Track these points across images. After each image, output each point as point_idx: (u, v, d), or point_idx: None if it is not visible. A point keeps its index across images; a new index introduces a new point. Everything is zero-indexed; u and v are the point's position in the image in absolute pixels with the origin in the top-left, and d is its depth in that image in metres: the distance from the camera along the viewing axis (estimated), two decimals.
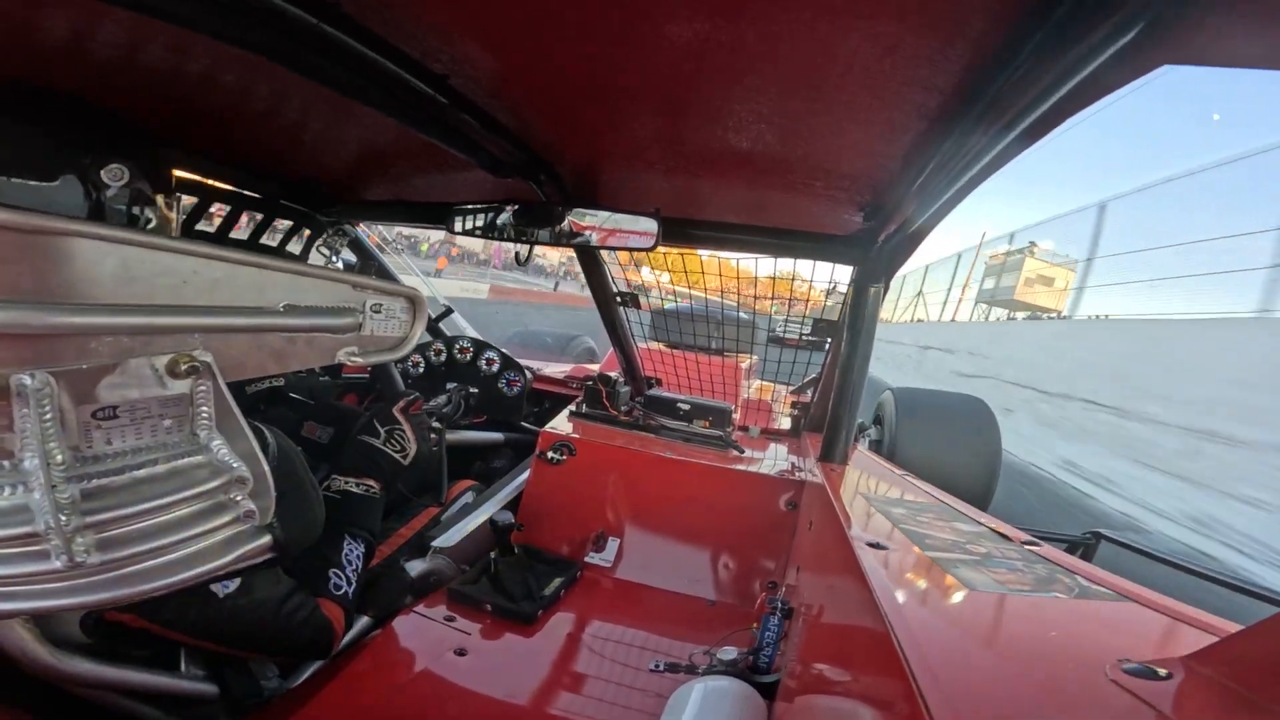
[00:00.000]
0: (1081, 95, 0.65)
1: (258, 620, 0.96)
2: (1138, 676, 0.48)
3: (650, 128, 1.06)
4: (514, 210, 1.44)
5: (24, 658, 0.75)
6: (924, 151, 0.92)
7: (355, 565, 1.18)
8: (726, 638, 1.23)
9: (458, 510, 1.71)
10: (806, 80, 0.78)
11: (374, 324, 0.78)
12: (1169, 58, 0.56)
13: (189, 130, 1.23)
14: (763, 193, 1.33)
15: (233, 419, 0.65)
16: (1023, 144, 0.80)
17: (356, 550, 1.19)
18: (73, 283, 0.52)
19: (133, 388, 0.57)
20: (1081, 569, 0.85)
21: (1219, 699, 0.45)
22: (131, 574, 0.60)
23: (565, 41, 0.77)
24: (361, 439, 1.34)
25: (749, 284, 2.09)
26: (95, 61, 0.83)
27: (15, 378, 0.49)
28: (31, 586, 0.56)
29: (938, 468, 2.79)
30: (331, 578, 1.12)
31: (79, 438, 0.55)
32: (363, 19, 0.73)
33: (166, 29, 0.65)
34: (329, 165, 1.57)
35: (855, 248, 1.51)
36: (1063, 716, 0.47)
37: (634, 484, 1.74)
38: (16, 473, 0.52)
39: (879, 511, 1.13)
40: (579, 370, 3.05)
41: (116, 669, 0.87)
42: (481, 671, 1.15)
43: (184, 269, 0.59)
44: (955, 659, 0.55)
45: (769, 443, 2.12)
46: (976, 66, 0.67)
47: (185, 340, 0.60)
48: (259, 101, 1.05)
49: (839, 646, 0.85)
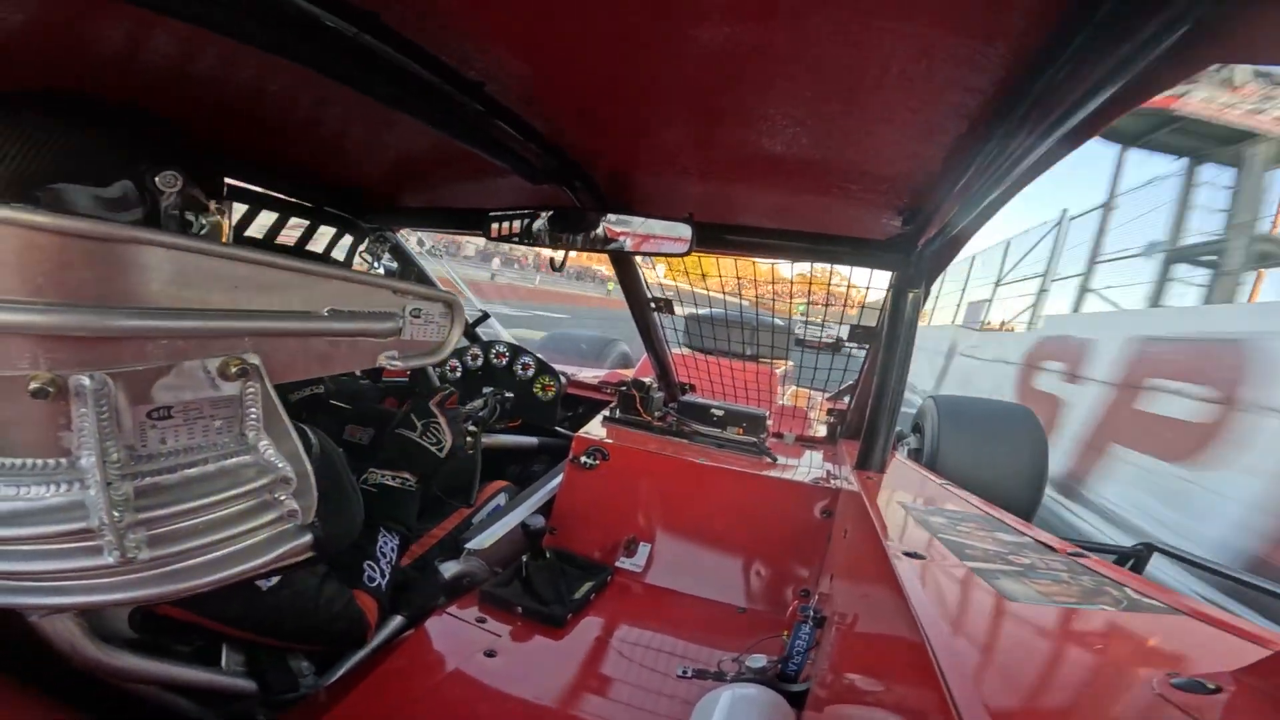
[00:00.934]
0: (1129, 96, 0.63)
1: (297, 611, 0.99)
2: (1187, 691, 0.46)
3: (683, 133, 1.07)
4: (549, 216, 1.46)
5: (73, 652, 0.78)
6: (965, 154, 0.90)
7: (390, 558, 1.20)
8: (755, 645, 1.22)
9: (490, 512, 1.73)
10: (841, 82, 0.77)
11: (413, 328, 0.79)
12: (1219, 56, 0.54)
13: (237, 138, 1.27)
14: (797, 197, 1.31)
15: (279, 420, 0.67)
16: (1068, 145, 0.78)
17: (391, 543, 1.22)
18: (131, 287, 0.54)
19: (186, 389, 0.59)
20: (1130, 581, 0.82)
21: (1271, 713, 0.42)
22: (180, 570, 0.62)
23: (597, 47, 0.78)
24: (398, 432, 1.37)
25: (784, 288, 2.07)
26: (149, 71, 0.87)
27: (74, 378, 0.52)
28: (84, 581, 0.58)
29: (981, 477, 2.71)
30: (366, 570, 1.15)
31: (134, 437, 0.57)
32: (401, 28, 0.75)
33: (216, 40, 0.67)
34: (370, 173, 1.61)
35: (894, 252, 1.48)
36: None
37: (666, 490, 1.74)
38: (73, 470, 0.54)
39: (917, 521, 1.11)
40: (613, 375, 3.06)
41: (160, 663, 0.90)
42: (510, 673, 1.16)
43: (236, 274, 0.61)
44: (994, 673, 0.54)
45: (804, 450, 2.09)
46: (1018, 67, 0.66)
47: (236, 343, 0.62)
48: (303, 111, 1.09)
49: (872, 657, 0.83)
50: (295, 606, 0.99)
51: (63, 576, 0.57)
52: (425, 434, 1.38)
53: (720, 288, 1.96)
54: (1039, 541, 1.02)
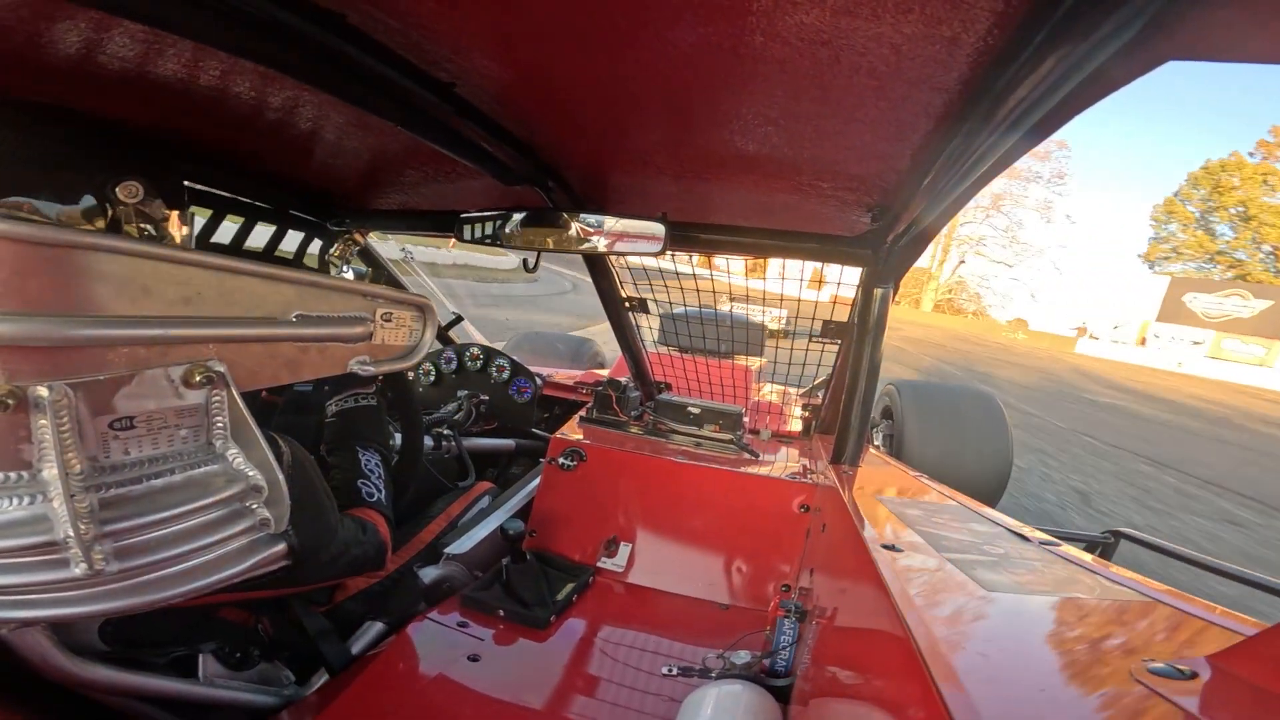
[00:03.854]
0: (1088, 92, 0.65)
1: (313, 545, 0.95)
2: (1163, 676, 0.48)
3: (657, 133, 1.07)
4: (522, 217, 1.45)
5: (44, 664, 0.76)
6: (931, 151, 0.91)
7: (378, 473, 1.20)
8: (740, 641, 1.23)
9: (473, 515, 1.72)
10: (813, 82, 0.78)
11: (385, 332, 0.78)
12: (1175, 53, 0.56)
13: (200, 142, 1.24)
14: (770, 195, 1.33)
15: (247, 428, 0.65)
16: (1031, 141, 0.80)
17: (374, 459, 1.21)
18: (90, 295, 0.53)
19: (149, 398, 0.58)
20: (1101, 568, 0.84)
21: (1246, 698, 0.44)
22: (149, 581, 0.60)
23: (570, 48, 0.78)
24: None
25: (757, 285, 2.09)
26: (108, 76, 0.84)
27: (33, 389, 0.50)
28: (51, 594, 0.56)
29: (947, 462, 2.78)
30: (361, 488, 1.14)
31: (97, 448, 0.56)
32: (368, 29, 0.74)
33: (175, 43, 0.66)
34: (338, 175, 1.58)
35: (863, 248, 1.50)
36: (1088, 718, 0.46)
37: (645, 489, 1.74)
38: (36, 483, 0.53)
39: (893, 513, 1.13)
40: (589, 376, 3.05)
41: (135, 675, 0.87)
42: (494, 677, 1.16)
43: (198, 281, 0.60)
44: (975, 661, 0.55)
45: (780, 446, 2.11)
46: (982, 65, 0.67)
47: (200, 351, 0.60)
48: (268, 113, 1.07)
49: (855, 649, 0.84)
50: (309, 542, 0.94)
51: (30, 590, 0.55)
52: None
53: (694, 285, 1.96)
54: (1011, 531, 1.04)
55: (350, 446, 1.21)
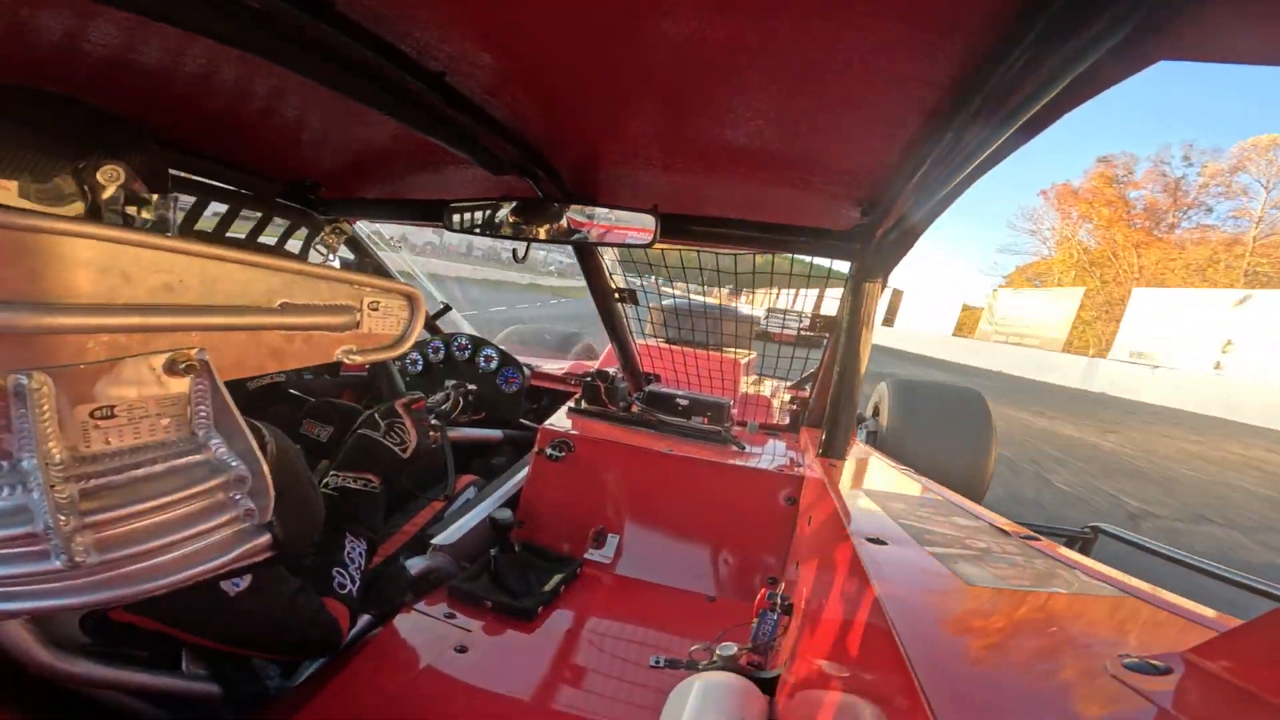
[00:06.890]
0: (1079, 90, 0.65)
1: (267, 619, 0.96)
2: (1138, 672, 0.49)
3: (648, 124, 1.06)
4: (512, 207, 1.44)
5: (26, 658, 0.75)
6: (921, 146, 0.91)
7: (358, 563, 1.17)
8: (726, 633, 1.24)
9: (459, 506, 1.71)
10: (804, 76, 0.78)
11: (372, 321, 0.78)
12: (1166, 53, 0.57)
13: (186, 129, 1.22)
14: (761, 188, 1.32)
15: (231, 417, 0.65)
16: (1021, 139, 0.80)
17: (359, 548, 1.19)
18: (68, 282, 0.52)
19: (130, 387, 0.57)
20: (1080, 563, 0.85)
21: (1219, 693, 0.45)
22: (131, 573, 0.59)
23: (562, 38, 0.77)
24: (361, 432, 1.34)
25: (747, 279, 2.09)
26: (91, 61, 0.83)
27: (12, 378, 0.49)
28: (31, 587, 0.55)
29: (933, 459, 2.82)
30: (335, 576, 1.11)
31: (77, 437, 0.55)
32: (358, 17, 0.73)
33: (162, 29, 0.65)
34: (325, 163, 1.56)
35: (853, 243, 1.51)
36: (1065, 711, 0.47)
37: (633, 480, 1.74)
38: (15, 473, 0.52)
39: (878, 506, 1.13)
40: (578, 366, 3.05)
41: (117, 669, 0.87)
42: (482, 668, 1.16)
43: (180, 268, 0.59)
44: (956, 654, 0.56)
45: (767, 438, 2.12)
46: (973, 62, 0.67)
47: (182, 339, 0.60)
48: (256, 100, 1.05)
49: (839, 641, 0.85)
50: (264, 614, 0.95)
51: (10, 582, 0.55)
52: (389, 434, 1.34)
53: (684, 277, 1.96)
54: (993, 525, 1.05)
55: (340, 529, 1.18)
